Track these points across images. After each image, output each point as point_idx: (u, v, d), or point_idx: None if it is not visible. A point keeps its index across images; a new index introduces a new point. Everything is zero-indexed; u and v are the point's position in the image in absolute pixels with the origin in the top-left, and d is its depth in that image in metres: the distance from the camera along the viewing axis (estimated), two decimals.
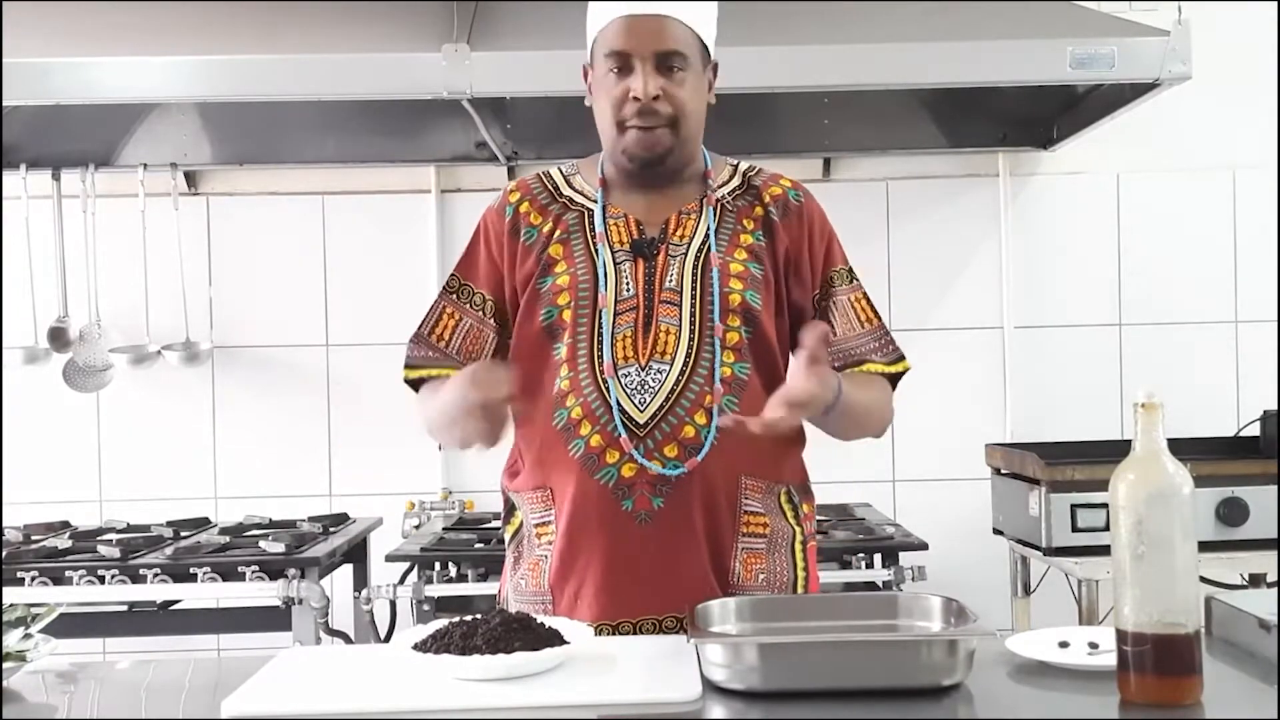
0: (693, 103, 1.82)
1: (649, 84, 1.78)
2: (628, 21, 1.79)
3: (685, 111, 1.81)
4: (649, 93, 1.78)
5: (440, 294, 1.94)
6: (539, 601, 1.83)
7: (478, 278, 1.92)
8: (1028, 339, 3.76)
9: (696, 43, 1.82)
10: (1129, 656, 1.35)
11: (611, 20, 1.80)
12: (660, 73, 1.79)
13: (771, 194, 1.91)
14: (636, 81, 1.78)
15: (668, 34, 1.78)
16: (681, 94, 1.80)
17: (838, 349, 1.89)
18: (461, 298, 1.92)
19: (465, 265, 1.94)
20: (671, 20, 1.79)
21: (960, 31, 2.99)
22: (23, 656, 1.57)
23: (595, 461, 1.78)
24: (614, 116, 1.81)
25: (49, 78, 2.93)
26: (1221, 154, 3.74)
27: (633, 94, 1.78)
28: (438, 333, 1.91)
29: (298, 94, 3.02)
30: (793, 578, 1.86)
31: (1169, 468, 1.36)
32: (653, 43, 1.78)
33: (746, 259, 1.85)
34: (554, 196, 1.91)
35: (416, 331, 1.93)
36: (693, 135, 1.86)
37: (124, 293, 3.62)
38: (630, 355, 1.80)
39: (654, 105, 1.78)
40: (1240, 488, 2.97)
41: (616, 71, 1.80)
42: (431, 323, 1.93)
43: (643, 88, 1.78)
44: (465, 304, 1.91)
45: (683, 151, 1.85)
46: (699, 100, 1.84)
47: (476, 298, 1.91)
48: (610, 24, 1.80)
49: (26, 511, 3.50)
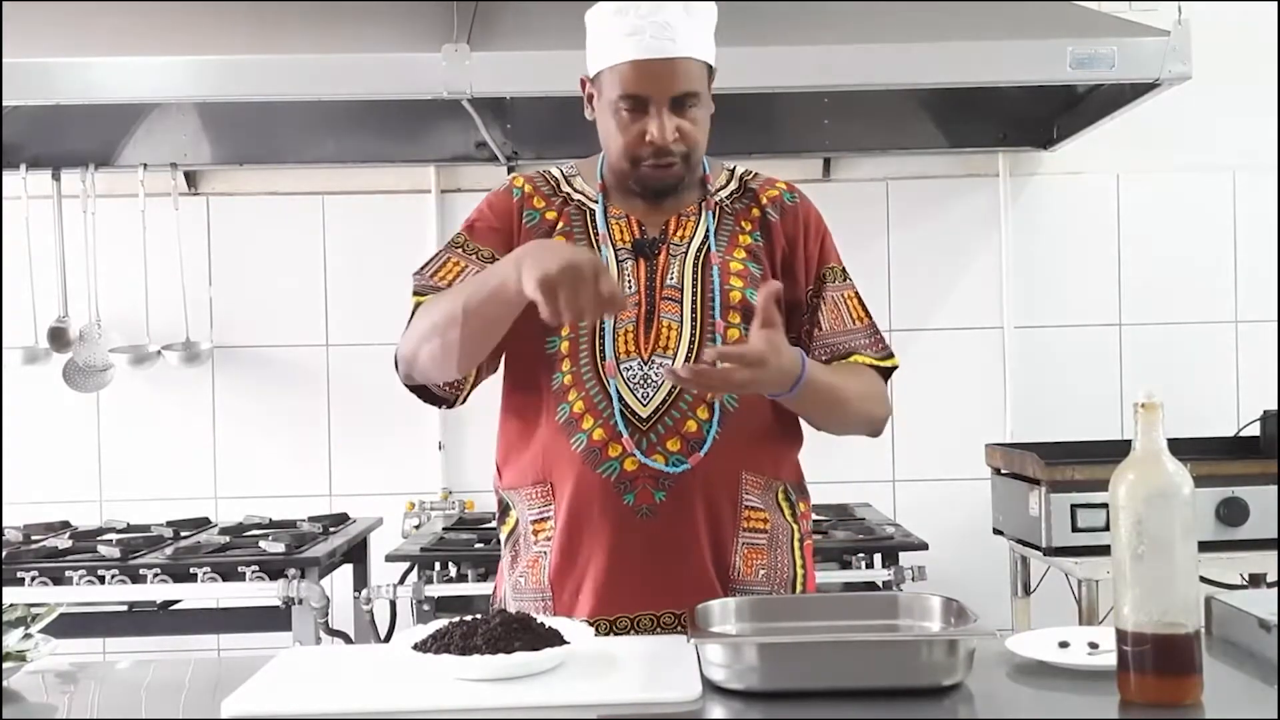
0: (703, 134, 1.83)
1: (667, 129, 1.77)
2: (644, 66, 1.76)
3: (697, 144, 1.82)
4: (669, 136, 1.78)
5: (445, 246, 1.90)
6: (539, 598, 1.83)
7: (484, 238, 1.87)
8: (1028, 339, 3.76)
9: (705, 71, 1.81)
10: (1129, 656, 1.35)
11: (625, 61, 1.77)
12: (675, 113, 1.78)
13: (768, 196, 1.93)
14: (654, 125, 1.77)
15: (683, 76, 1.77)
16: (695, 131, 1.81)
17: (826, 342, 1.88)
18: (467, 251, 1.87)
19: (470, 229, 1.89)
20: (689, 61, 1.77)
21: (960, 31, 2.99)
22: (23, 656, 1.57)
23: (598, 455, 1.78)
24: (627, 153, 1.81)
25: (49, 78, 2.93)
26: (1221, 154, 3.74)
27: (650, 138, 1.78)
28: (441, 275, 1.85)
29: (298, 94, 3.02)
30: (792, 574, 1.87)
31: (1169, 468, 1.36)
32: (670, 87, 1.77)
33: (745, 258, 1.87)
34: (556, 189, 1.92)
35: (419, 271, 1.87)
36: (699, 160, 1.87)
37: (124, 293, 3.62)
38: (632, 350, 1.80)
39: (670, 146, 1.79)
40: (1240, 488, 2.97)
41: (629, 111, 1.79)
42: (435, 268, 1.86)
43: (660, 134, 1.77)
44: (472, 255, 1.86)
45: (692, 175, 1.87)
46: (706, 128, 1.84)
47: (484, 252, 1.86)
48: (624, 64, 1.77)
49: (26, 511, 3.50)
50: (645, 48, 1.75)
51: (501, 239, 1.87)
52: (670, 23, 1.75)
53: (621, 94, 1.78)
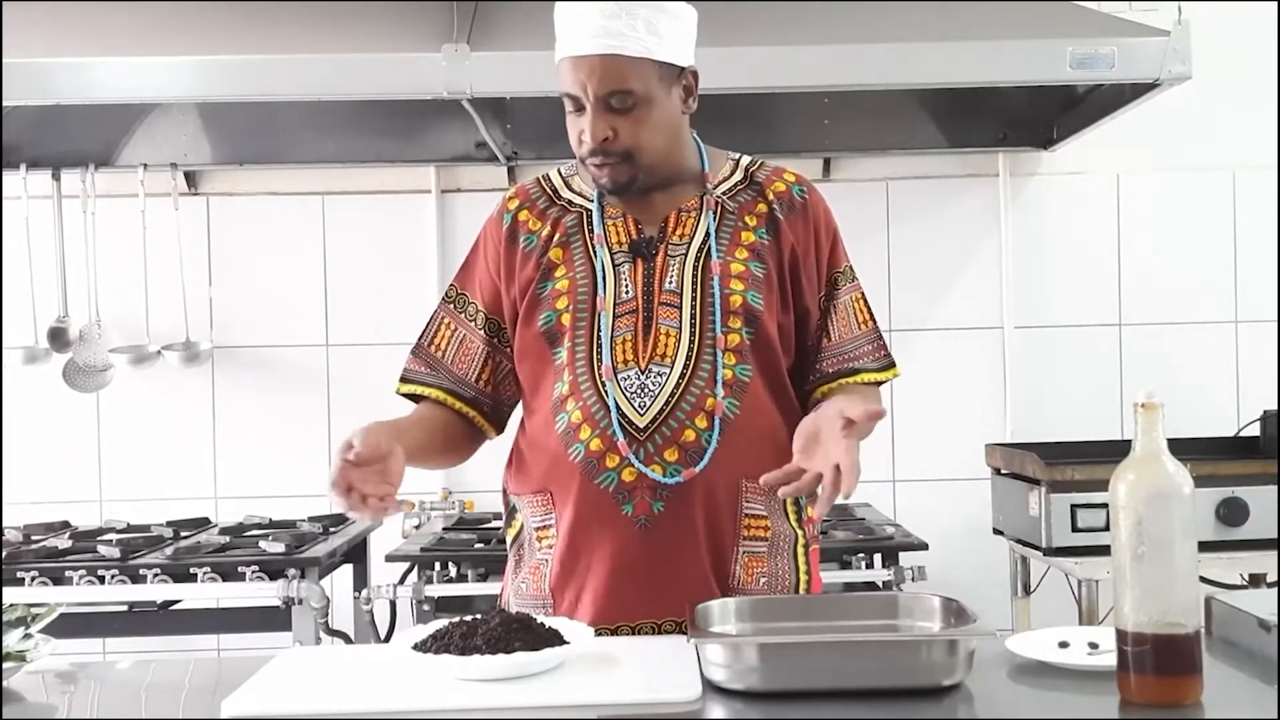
0: (649, 134, 1.78)
1: (597, 127, 1.76)
2: (573, 62, 1.76)
3: (640, 144, 1.78)
4: (597, 136, 1.76)
5: (440, 303, 1.96)
6: (540, 605, 1.82)
7: (473, 288, 1.93)
8: (1028, 339, 3.76)
9: (653, 69, 1.76)
10: (1129, 656, 1.35)
11: (562, 59, 1.77)
12: (609, 111, 1.76)
13: (775, 190, 1.89)
14: (585, 122, 1.77)
15: (613, 74, 1.74)
16: (634, 130, 1.77)
17: (835, 352, 1.89)
18: (458, 307, 1.93)
19: (463, 275, 1.95)
20: (617, 58, 1.73)
21: (960, 31, 2.99)
22: (23, 656, 1.57)
23: (595, 466, 1.77)
24: (576, 153, 1.82)
25: (49, 78, 2.93)
26: (1221, 154, 3.74)
27: (582, 135, 1.78)
28: (436, 343, 1.93)
29: (298, 94, 3.02)
30: (794, 580, 1.86)
31: (1169, 468, 1.36)
32: (597, 85, 1.74)
33: (748, 258, 1.84)
34: (552, 200, 1.90)
35: (417, 342, 1.95)
36: (660, 157, 1.82)
37: (124, 293, 3.62)
38: (630, 358, 1.79)
39: (604, 146, 1.77)
40: (1240, 488, 2.97)
41: (572, 111, 1.79)
42: (431, 333, 1.94)
43: (590, 131, 1.76)
44: (460, 314, 1.92)
45: (651, 175, 1.82)
46: (659, 127, 1.79)
47: (470, 308, 1.92)
48: (561, 62, 1.78)
49: (26, 511, 3.50)
50: (579, 46, 1.75)
51: (489, 288, 1.90)
52: (605, 23, 1.73)
53: (562, 93, 1.79)
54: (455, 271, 1.98)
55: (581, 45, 1.75)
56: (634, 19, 1.74)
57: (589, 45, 1.74)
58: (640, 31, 1.74)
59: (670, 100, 1.80)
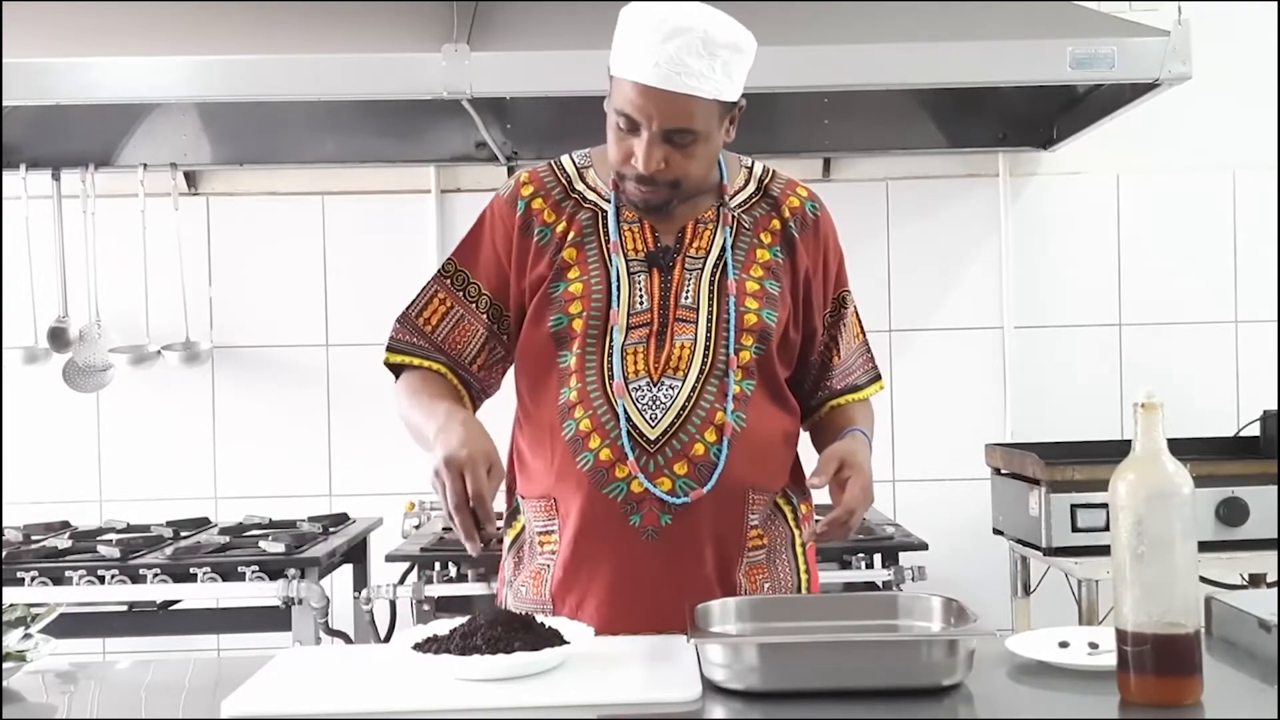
0: (698, 165, 1.77)
1: (652, 157, 1.72)
2: (642, 90, 1.70)
3: (688, 175, 1.76)
4: (650, 166, 1.73)
5: (434, 277, 1.89)
6: (539, 610, 1.80)
7: (477, 268, 1.87)
8: (1028, 339, 3.76)
9: (716, 109, 1.74)
10: (1129, 656, 1.35)
11: (630, 80, 1.71)
12: (666, 142, 1.73)
13: (790, 206, 1.89)
14: (640, 149, 1.73)
15: (682, 113, 1.71)
16: (685, 162, 1.75)
17: (841, 369, 1.94)
18: (456, 284, 1.87)
19: (465, 253, 1.88)
20: (690, 99, 1.70)
21: (960, 31, 2.99)
22: (23, 656, 1.57)
23: (605, 475, 1.76)
24: (616, 166, 1.78)
25: (49, 78, 2.93)
26: (1221, 154, 3.74)
27: (634, 160, 1.74)
28: (425, 317, 1.87)
29: (298, 94, 3.02)
30: (796, 581, 1.87)
31: (1169, 468, 1.36)
32: (663, 119, 1.70)
33: (763, 276, 1.84)
34: (567, 192, 1.86)
35: (404, 312, 1.89)
36: (700, 185, 1.81)
37: (124, 293, 3.62)
38: (641, 369, 1.78)
39: (654, 175, 1.74)
40: (1240, 488, 2.97)
41: (624, 128, 1.74)
42: (420, 305, 1.88)
43: (644, 160, 1.73)
44: (459, 292, 1.86)
45: (685, 198, 1.81)
46: (708, 159, 1.79)
47: (472, 289, 1.86)
48: (628, 82, 1.71)
49: (26, 511, 3.50)
50: (653, 75, 1.69)
51: (497, 272, 1.85)
52: (686, 59, 1.67)
53: (619, 109, 1.74)
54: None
55: (655, 76, 1.69)
56: (714, 60, 1.70)
57: (665, 80, 1.69)
58: (718, 74, 1.71)
59: (720, 133, 1.79)
